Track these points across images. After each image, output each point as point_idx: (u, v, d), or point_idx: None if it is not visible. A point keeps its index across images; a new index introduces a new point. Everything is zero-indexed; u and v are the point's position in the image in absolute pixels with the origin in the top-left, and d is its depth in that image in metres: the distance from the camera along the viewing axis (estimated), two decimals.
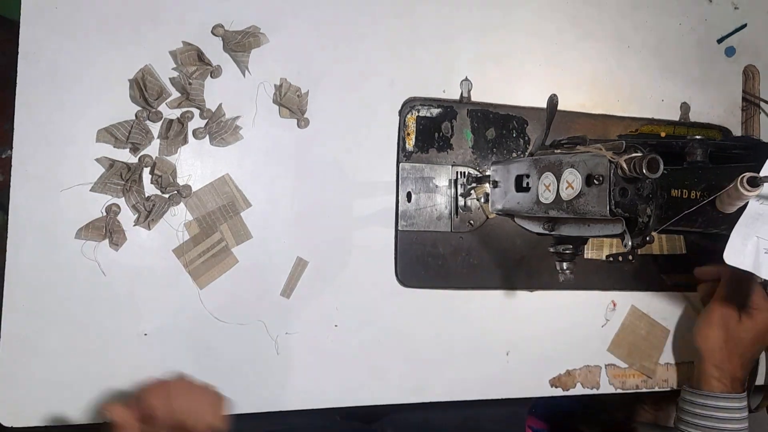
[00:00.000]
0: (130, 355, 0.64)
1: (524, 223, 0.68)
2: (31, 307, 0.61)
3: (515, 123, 0.76)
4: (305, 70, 0.69)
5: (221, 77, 0.66)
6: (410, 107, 0.73)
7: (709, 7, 0.85)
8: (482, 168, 0.74)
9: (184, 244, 0.65)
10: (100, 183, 0.63)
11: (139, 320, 0.64)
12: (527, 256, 0.76)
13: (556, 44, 0.79)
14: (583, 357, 0.77)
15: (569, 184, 0.57)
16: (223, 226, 0.66)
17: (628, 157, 0.52)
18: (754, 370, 0.81)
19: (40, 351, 0.62)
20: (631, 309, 0.79)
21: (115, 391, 0.63)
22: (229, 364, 0.66)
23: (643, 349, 0.79)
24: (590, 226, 0.60)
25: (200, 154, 0.66)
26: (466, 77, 0.75)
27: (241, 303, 0.66)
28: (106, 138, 0.63)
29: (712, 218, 0.54)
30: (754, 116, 0.85)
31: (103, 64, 0.63)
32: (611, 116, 0.80)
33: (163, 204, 0.64)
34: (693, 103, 0.83)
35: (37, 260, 0.61)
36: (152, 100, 0.63)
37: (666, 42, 0.83)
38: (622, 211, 0.54)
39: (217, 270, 0.65)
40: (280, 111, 0.68)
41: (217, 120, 0.65)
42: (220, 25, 0.66)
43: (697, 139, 0.63)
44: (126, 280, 0.64)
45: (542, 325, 0.76)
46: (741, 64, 0.86)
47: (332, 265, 0.69)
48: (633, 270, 0.79)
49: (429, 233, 0.73)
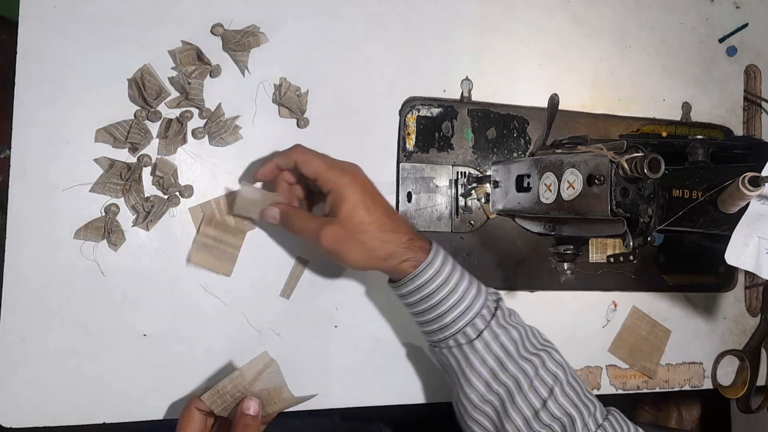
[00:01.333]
0: (130, 355, 0.63)
1: (525, 223, 0.68)
2: (30, 307, 0.61)
3: (516, 123, 0.76)
4: (305, 70, 0.69)
5: (220, 77, 0.66)
6: (410, 107, 0.72)
7: (710, 7, 0.85)
8: (483, 168, 0.74)
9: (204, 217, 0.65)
10: (100, 183, 0.62)
11: (138, 320, 0.64)
12: (528, 257, 0.75)
13: (557, 43, 0.78)
14: (583, 358, 0.77)
15: (570, 184, 0.57)
16: (223, 235, 0.66)
17: (629, 157, 0.52)
18: (754, 370, 0.81)
19: (40, 351, 0.61)
20: (632, 310, 0.79)
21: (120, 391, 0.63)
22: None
23: (644, 349, 0.79)
24: (591, 227, 0.60)
25: (199, 154, 0.66)
26: (467, 77, 0.75)
27: (240, 303, 0.66)
28: (104, 138, 0.63)
29: (714, 218, 0.54)
30: (756, 116, 0.85)
31: (102, 64, 0.63)
32: (612, 116, 0.79)
33: (162, 204, 0.64)
34: (694, 102, 0.83)
35: (36, 260, 0.61)
36: (151, 100, 0.63)
37: (667, 41, 0.82)
38: (623, 211, 0.54)
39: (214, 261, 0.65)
40: (279, 111, 0.68)
41: (216, 120, 0.65)
42: (219, 24, 0.66)
43: (699, 139, 0.63)
44: (125, 280, 0.63)
45: (543, 326, 0.75)
46: (742, 63, 0.85)
47: (332, 265, 0.69)
48: (634, 270, 0.79)
49: (429, 233, 0.72)
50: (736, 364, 0.83)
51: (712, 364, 0.82)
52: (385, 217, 0.57)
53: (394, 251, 0.57)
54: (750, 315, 0.84)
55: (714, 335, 0.82)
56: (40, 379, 0.61)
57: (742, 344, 0.83)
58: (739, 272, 0.84)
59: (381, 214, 0.57)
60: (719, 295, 0.83)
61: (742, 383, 0.81)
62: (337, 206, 0.56)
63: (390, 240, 0.57)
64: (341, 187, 0.56)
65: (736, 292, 0.84)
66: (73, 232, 0.62)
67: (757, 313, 0.84)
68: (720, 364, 0.82)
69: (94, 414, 0.63)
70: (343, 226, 0.56)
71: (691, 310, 0.81)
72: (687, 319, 0.81)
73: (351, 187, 0.56)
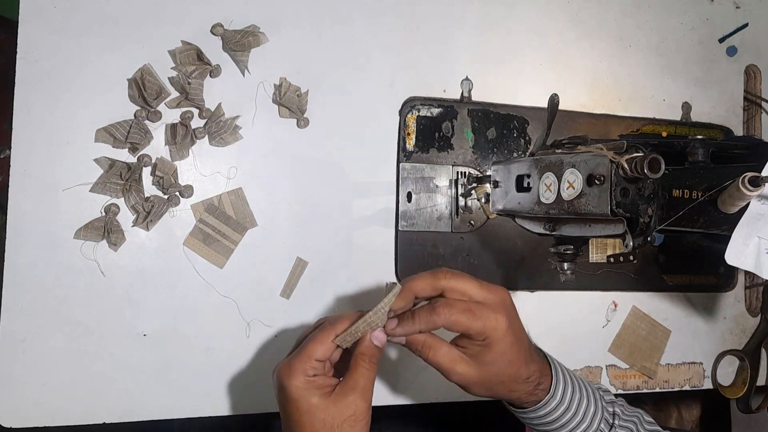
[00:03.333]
0: (130, 355, 0.63)
1: (525, 223, 0.68)
2: (30, 307, 0.61)
3: (516, 123, 0.76)
4: (305, 70, 0.69)
5: (220, 77, 0.66)
6: (410, 107, 0.72)
7: (710, 7, 0.85)
8: (483, 168, 0.74)
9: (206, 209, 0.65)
10: (100, 183, 0.62)
11: (138, 320, 0.64)
12: (528, 257, 0.75)
13: (558, 43, 0.78)
14: (584, 358, 0.77)
15: (570, 184, 0.57)
16: (223, 227, 0.66)
17: (629, 157, 0.52)
18: (754, 370, 0.81)
19: (40, 351, 0.61)
20: (632, 310, 0.79)
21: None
22: (228, 365, 0.66)
23: (644, 349, 0.79)
24: (591, 227, 0.60)
25: (199, 154, 0.66)
26: (467, 77, 0.75)
27: (240, 303, 0.66)
28: (104, 138, 0.63)
29: (714, 218, 0.54)
30: (756, 116, 0.85)
31: (102, 64, 0.63)
32: (612, 116, 0.79)
33: (162, 205, 0.64)
34: (694, 102, 0.83)
35: (36, 260, 0.61)
36: (151, 100, 0.63)
37: (667, 41, 0.82)
38: (623, 211, 0.54)
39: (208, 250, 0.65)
40: (279, 111, 0.68)
41: (216, 120, 0.65)
42: (219, 24, 0.66)
43: (699, 139, 0.63)
44: (125, 280, 0.63)
45: (543, 326, 0.75)
46: (742, 63, 0.85)
47: (332, 265, 0.69)
48: (634, 270, 0.79)
49: (429, 233, 0.72)
50: (736, 364, 0.83)
51: (712, 364, 0.82)
52: (523, 367, 0.55)
53: (521, 396, 0.56)
54: (750, 315, 0.84)
55: (714, 335, 0.82)
56: (40, 379, 0.61)
57: (742, 344, 0.83)
58: (739, 272, 0.84)
59: (520, 365, 0.54)
60: (719, 295, 0.83)
61: (742, 383, 0.81)
62: (480, 354, 0.53)
63: (520, 389, 0.56)
64: (491, 332, 0.52)
65: (736, 292, 0.84)
66: (73, 232, 0.62)
67: (757, 313, 0.84)
68: (720, 364, 0.82)
69: (94, 414, 0.63)
70: (480, 371, 0.53)
71: (691, 310, 0.81)
72: (687, 319, 0.81)
73: (503, 340, 0.52)
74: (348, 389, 0.51)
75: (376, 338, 0.52)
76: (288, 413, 0.51)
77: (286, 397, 0.51)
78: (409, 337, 0.53)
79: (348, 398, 0.50)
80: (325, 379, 0.52)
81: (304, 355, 0.51)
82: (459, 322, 0.51)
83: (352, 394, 0.51)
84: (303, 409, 0.50)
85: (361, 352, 0.52)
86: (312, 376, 0.51)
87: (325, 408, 0.50)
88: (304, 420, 0.50)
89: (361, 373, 0.51)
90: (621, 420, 0.61)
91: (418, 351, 0.54)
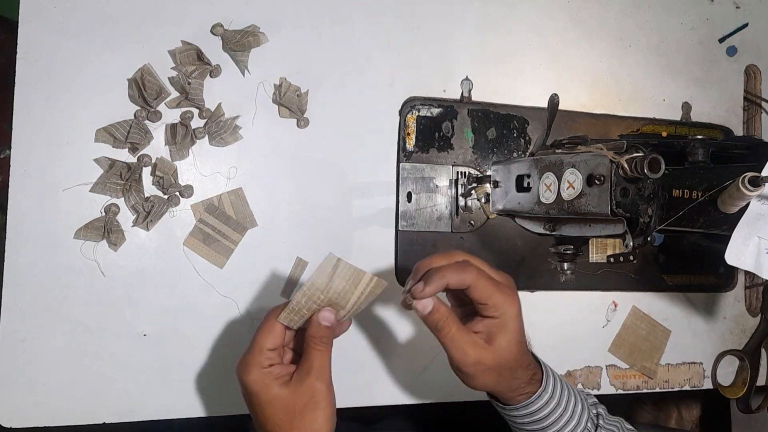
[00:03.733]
0: (130, 355, 0.63)
1: (525, 223, 0.68)
2: (30, 307, 0.61)
3: (516, 123, 0.76)
4: (305, 70, 0.69)
5: (220, 77, 0.66)
6: (410, 107, 0.72)
7: (710, 7, 0.85)
8: (483, 168, 0.74)
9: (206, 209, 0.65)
10: (100, 183, 0.62)
11: (138, 320, 0.64)
12: (528, 257, 0.75)
13: (558, 43, 0.78)
14: (584, 358, 0.77)
15: (570, 184, 0.57)
16: (223, 227, 0.66)
17: (629, 157, 0.52)
18: (754, 370, 0.81)
19: (40, 351, 0.61)
20: (632, 310, 0.79)
21: (121, 390, 0.63)
22: (228, 365, 0.66)
23: (644, 349, 0.79)
24: (591, 227, 0.60)
25: (199, 154, 0.66)
26: (467, 77, 0.75)
27: (240, 303, 0.66)
28: (104, 138, 0.63)
29: (714, 218, 0.54)
30: (756, 116, 0.85)
31: (102, 64, 0.63)
32: (612, 116, 0.79)
33: (162, 205, 0.64)
34: (694, 102, 0.83)
35: (36, 260, 0.61)
36: (151, 100, 0.63)
37: (667, 42, 0.82)
38: (623, 211, 0.54)
39: (208, 250, 0.65)
40: (279, 111, 0.68)
41: (216, 120, 0.65)
42: (219, 24, 0.66)
43: (699, 139, 0.63)
44: (125, 280, 0.63)
45: (543, 326, 0.75)
46: (742, 63, 0.85)
47: None
48: (634, 270, 0.79)
49: (429, 233, 0.72)
50: (736, 364, 0.83)
51: (712, 364, 0.82)
52: (525, 353, 0.56)
53: (520, 386, 0.57)
54: (750, 315, 0.84)
55: (714, 335, 0.82)
56: (40, 379, 0.61)
57: (742, 344, 0.83)
58: (739, 272, 0.84)
59: (525, 350, 0.56)
60: (719, 295, 0.83)
61: (742, 383, 0.81)
62: (495, 336, 0.53)
63: (521, 377, 0.56)
64: (507, 318, 0.53)
65: (736, 292, 0.84)
66: (73, 232, 0.62)
67: (757, 313, 0.84)
68: (720, 364, 0.82)
69: (94, 414, 0.63)
70: (494, 356, 0.53)
71: (691, 310, 0.81)
72: (687, 319, 0.81)
73: (515, 321, 0.54)
74: (304, 374, 0.51)
75: (324, 318, 0.52)
76: (252, 408, 0.52)
77: (247, 392, 0.51)
78: (432, 309, 0.52)
79: (305, 383, 0.51)
80: (282, 367, 0.52)
81: (255, 347, 0.52)
82: (486, 286, 0.52)
83: (308, 378, 0.51)
84: (264, 401, 0.51)
85: (311, 334, 0.52)
86: (267, 366, 0.51)
87: (285, 396, 0.50)
88: (267, 412, 0.51)
89: (314, 356, 0.52)
90: (605, 421, 0.61)
91: (439, 324, 0.52)
